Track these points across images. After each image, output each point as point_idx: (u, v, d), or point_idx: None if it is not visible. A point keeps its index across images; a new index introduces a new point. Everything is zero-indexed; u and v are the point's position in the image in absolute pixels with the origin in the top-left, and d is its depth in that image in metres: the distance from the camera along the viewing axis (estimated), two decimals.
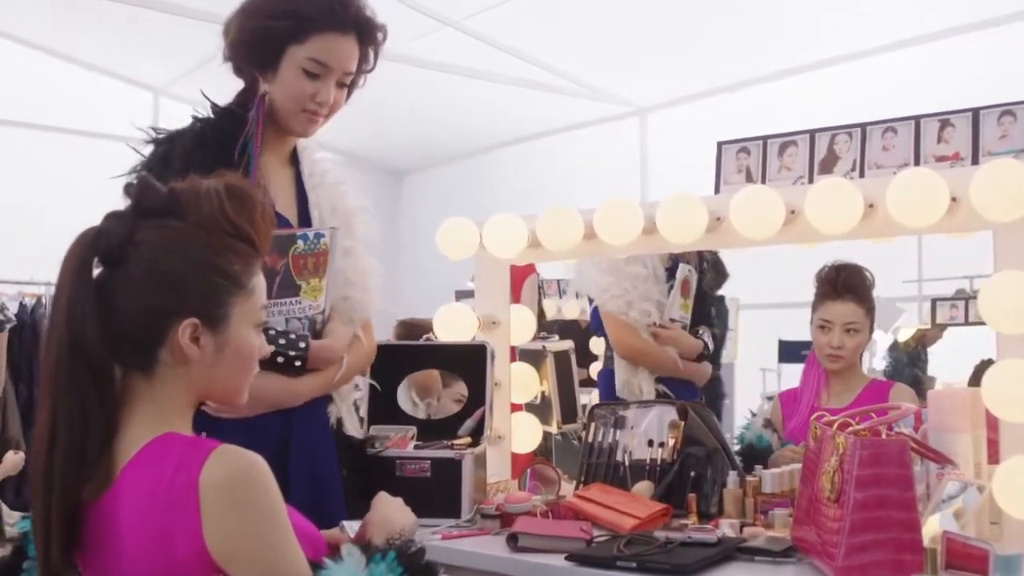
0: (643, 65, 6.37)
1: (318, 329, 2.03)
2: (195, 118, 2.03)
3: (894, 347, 5.10)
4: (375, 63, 2.07)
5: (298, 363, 1.96)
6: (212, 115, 2.04)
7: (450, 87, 6.83)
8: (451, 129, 7.98)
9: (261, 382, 1.87)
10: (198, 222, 1.34)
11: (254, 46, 1.97)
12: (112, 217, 1.35)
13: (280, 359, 1.94)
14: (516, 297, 3.38)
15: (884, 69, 5.64)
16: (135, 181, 1.36)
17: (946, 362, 4.92)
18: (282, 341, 1.95)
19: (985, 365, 4.78)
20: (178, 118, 2.08)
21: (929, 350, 5.13)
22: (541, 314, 4.00)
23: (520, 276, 3.57)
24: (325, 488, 2.04)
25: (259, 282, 1.41)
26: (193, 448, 1.27)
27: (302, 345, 1.96)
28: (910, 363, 5.09)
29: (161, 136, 2.00)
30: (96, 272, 1.33)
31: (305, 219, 2.08)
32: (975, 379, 4.34)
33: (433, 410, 2.66)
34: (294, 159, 2.13)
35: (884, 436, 1.70)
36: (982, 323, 5.46)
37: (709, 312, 3.07)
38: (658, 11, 5.71)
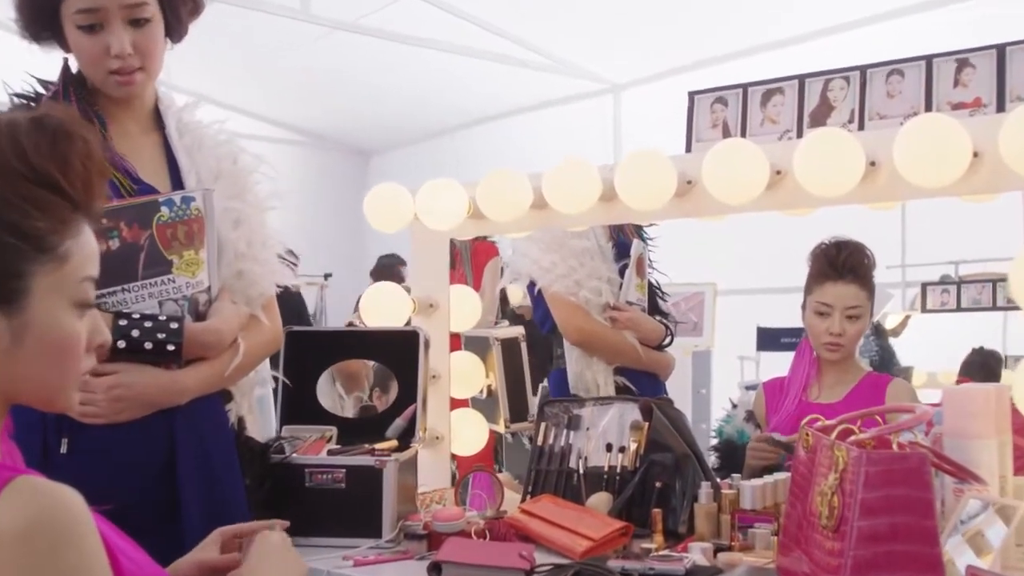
0: (617, 41, 6.17)
1: (202, 311, 1.75)
2: (18, 95, 1.77)
3: (879, 335, 4.83)
4: None
5: (171, 347, 1.65)
6: (37, 91, 1.77)
7: (417, 62, 6.56)
8: (419, 107, 7.73)
9: (132, 378, 1.63)
10: None
11: (31, 19, 1.73)
12: None
13: (148, 345, 1.64)
14: (477, 283, 3.10)
15: (868, 44, 5.33)
16: None
17: (910, 350, 4.78)
18: (148, 324, 1.65)
19: (978, 354, 4.50)
20: None
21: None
22: (504, 300, 3.66)
23: (481, 259, 3.28)
24: (224, 502, 1.75)
25: (78, 246, 1.04)
26: None
27: (173, 326, 1.66)
28: (894, 352, 4.86)
29: None
30: None
31: (179, 188, 1.77)
32: (966, 369, 4.10)
33: (368, 404, 2.31)
34: (159, 123, 1.82)
35: (896, 448, 1.33)
36: (973, 309, 5.18)
37: (653, 298, 2.69)
38: None
